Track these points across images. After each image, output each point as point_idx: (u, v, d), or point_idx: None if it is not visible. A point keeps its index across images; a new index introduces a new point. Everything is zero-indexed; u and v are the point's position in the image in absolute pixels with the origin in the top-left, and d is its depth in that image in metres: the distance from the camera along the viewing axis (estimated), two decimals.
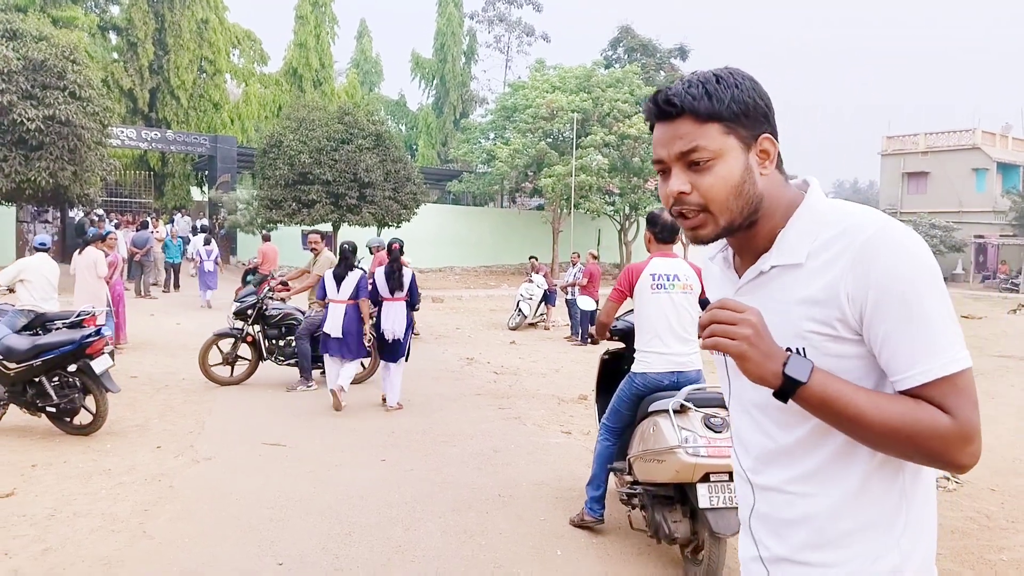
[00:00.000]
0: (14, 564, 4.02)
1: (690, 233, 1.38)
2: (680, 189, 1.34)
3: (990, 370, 11.17)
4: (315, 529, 4.62)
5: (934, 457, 1.23)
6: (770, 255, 1.37)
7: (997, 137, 42.35)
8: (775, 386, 1.26)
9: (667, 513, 4.02)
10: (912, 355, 1.23)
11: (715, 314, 1.28)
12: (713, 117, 1.31)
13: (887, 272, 1.23)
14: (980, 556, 4.45)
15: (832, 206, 1.36)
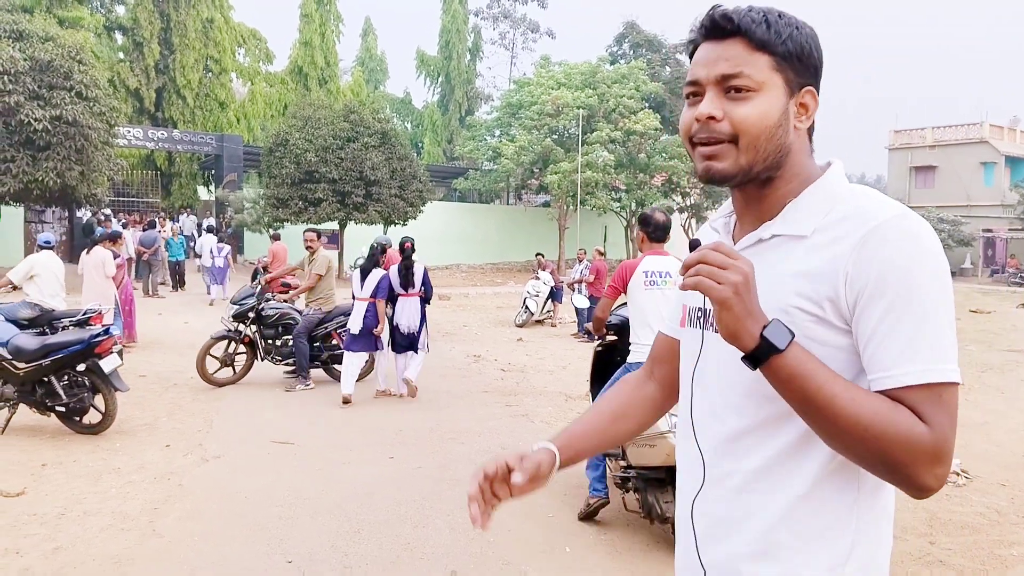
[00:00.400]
0: (25, 563, 4.04)
1: (704, 164, 1.26)
2: (711, 112, 1.24)
3: (999, 364, 11.13)
4: (324, 527, 4.63)
5: (897, 468, 1.11)
6: (773, 223, 1.28)
7: (1005, 130, 42.17)
8: (748, 348, 1.14)
9: (659, 494, 4.29)
10: (900, 352, 1.13)
11: (705, 254, 1.16)
12: (766, 47, 1.23)
13: (893, 258, 1.14)
14: (990, 551, 4.43)
15: (852, 189, 1.28)
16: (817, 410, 1.12)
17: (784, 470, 1.23)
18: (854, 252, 1.17)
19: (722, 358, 1.29)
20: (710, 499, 1.32)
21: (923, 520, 4.90)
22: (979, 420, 7.66)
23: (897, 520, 4.85)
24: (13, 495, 5.02)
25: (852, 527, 1.23)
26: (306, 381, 8.75)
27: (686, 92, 1.30)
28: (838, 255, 1.18)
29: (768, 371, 1.15)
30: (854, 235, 1.18)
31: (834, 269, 1.18)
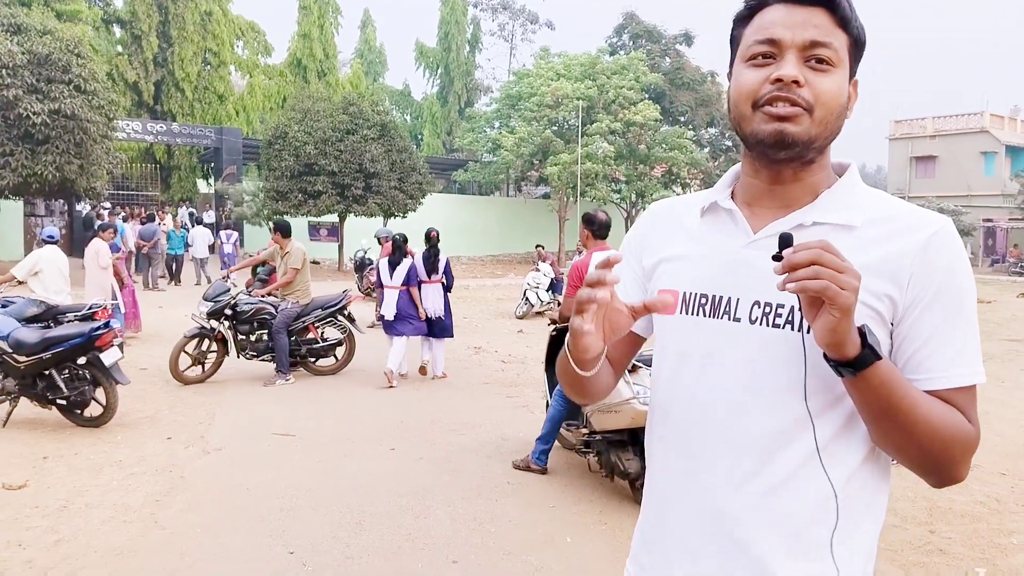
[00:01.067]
0: (28, 555, 4.05)
1: (776, 126, 1.17)
2: (798, 77, 1.16)
3: (1000, 354, 11.14)
4: (326, 518, 4.64)
5: (949, 466, 1.16)
6: (812, 210, 1.22)
7: (1006, 120, 42.10)
8: (850, 355, 1.06)
9: (621, 454, 4.94)
10: (954, 356, 1.16)
11: (820, 255, 1.02)
12: (846, 26, 1.19)
13: (954, 268, 1.17)
14: (991, 540, 4.44)
15: (874, 190, 1.27)
16: (896, 416, 1.11)
17: (817, 468, 1.19)
18: (920, 252, 1.16)
19: (752, 354, 1.21)
20: (732, 497, 1.23)
21: (923, 509, 4.91)
22: (979, 409, 7.63)
23: (897, 509, 4.86)
24: (15, 488, 5.03)
25: (877, 519, 1.25)
26: (286, 376, 8.65)
27: (756, 52, 1.21)
28: (903, 252, 1.17)
29: (859, 379, 1.09)
30: (916, 236, 1.17)
31: (899, 267, 1.16)
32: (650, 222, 1.46)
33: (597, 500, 5.04)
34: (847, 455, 1.20)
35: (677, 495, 1.31)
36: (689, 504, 1.29)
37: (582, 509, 4.88)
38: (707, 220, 1.33)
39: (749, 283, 1.22)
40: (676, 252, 1.35)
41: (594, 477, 5.50)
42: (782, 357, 1.18)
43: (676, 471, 1.31)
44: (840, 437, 1.20)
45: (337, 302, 9.22)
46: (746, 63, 1.22)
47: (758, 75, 1.20)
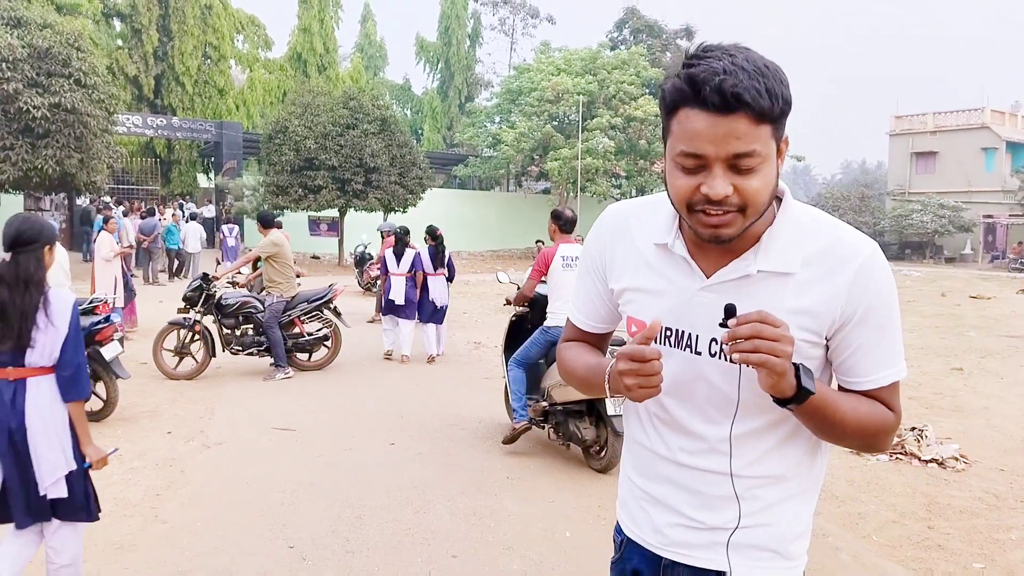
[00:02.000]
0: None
1: (712, 231, 1.30)
2: (727, 192, 1.25)
3: (999, 350, 11.14)
4: (326, 513, 4.65)
5: (876, 447, 1.46)
6: (755, 259, 1.36)
7: (1006, 116, 42.04)
8: (788, 396, 1.28)
9: (578, 423, 5.54)
10: (878, 361, 1.39)
11: (759, 329, 1.21)
12: (767, 118, 1.23)
13: (879, 292, 1.36)
14: (989, 535, 4.45)
15: (807, 213, 1.40)
16: (831, 426, 1.36)
17: (775, 455, 1.44)
18: (848, 288, 1.35)
19: (714, 380, 1.41)
20: (712, 482, 1.45)
21: (922, 505, 4.92)
22: (979, 405, 7.68)
23: (896, 505, 4.88)
24: None
25: (816, 490, 1.52)
26: (284, 370, 8.63)
27: (684, 162, 1.27)
28: (835, 292, 1.35)
29: (799, 408, 1.32)
30: (843, 272, 1.35)
31: (834, 306, 1.35)
32: (607, 242, 1.57)
33: (596, 495, 5.06)
34: (796, 446, 1.46)
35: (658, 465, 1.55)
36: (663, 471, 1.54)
37: (581, 504, 4.90)
38: (663, 256, 1.46)
39: (705, 322, 1.39)
40: (640, 283, 1.49)
41: (592, 471, 5.51)
42: (738, 385, 1.39)
43: (658, 453, 1.53)
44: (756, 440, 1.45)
45: (323, 295, 9.14)
46: (676, 166, 1.30)
47: (689, 183, 1.28)
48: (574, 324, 1.70)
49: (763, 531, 1.45)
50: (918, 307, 16.88)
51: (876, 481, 5.36)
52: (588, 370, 1.57)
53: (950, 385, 8.67)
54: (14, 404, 2.95)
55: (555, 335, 5.71)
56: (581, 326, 1.68)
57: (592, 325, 1.67)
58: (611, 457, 5.37)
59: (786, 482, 1.45)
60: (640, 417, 1.56)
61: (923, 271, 29.72)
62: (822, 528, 4.50)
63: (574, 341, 1.71)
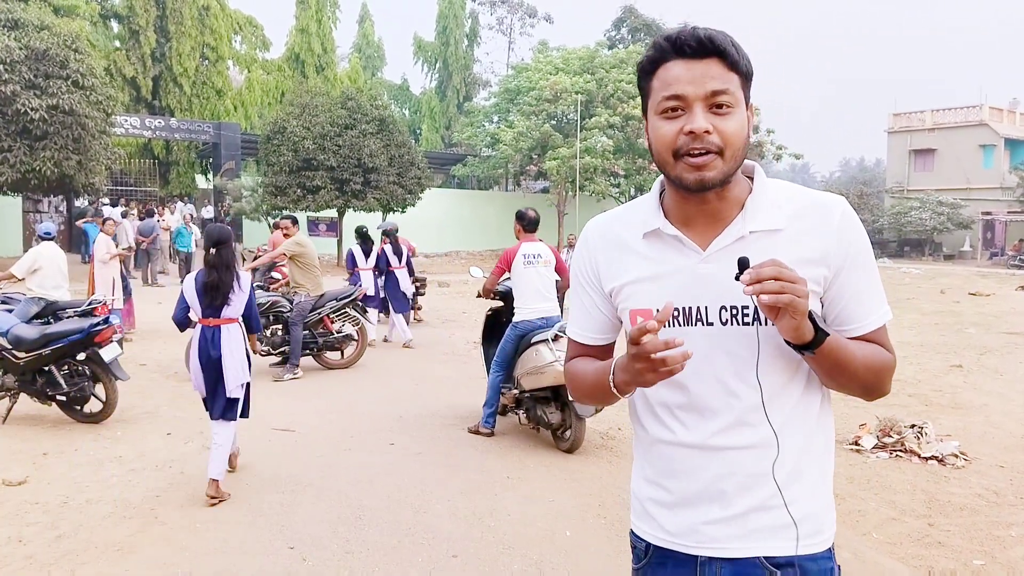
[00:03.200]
0: (28, 550, 4.06)
1: (696, 175, 1.39)
2: (707, 127, 1.36)
3: (998, 347, 11.14)
4: (325, 513, 4.65)
5: (879, 388, 1.49)
6: (744, 220, 1.45)
7: (1004, 113, 42.04)
8: (806, 340, 1.34)
9: (545, 408, 6.02)
10: (871, 305, 1.48)
11: (780, 271, 1.28)
12: (737, 68, 1.39)
13: (860, 240, 1.47)
14: (989, 532, 4.45)
15: (779, 183, 1.52)
16: (843, 367, 1.41)
17: (798, 417, 1.48)
18: (835, 237, 1.45)
19: (730, 347, 1.45)
20: (737, 460, 1.47)
21: (922, 502, 4.92)
22: (978, 402, 7.68)
23: (896, 502, 4.88)
24: (15, 484, 5.04)
25: (831, 434, 1.57)
26: (295, 370, 8.65)
27: (666, 107, 1.40)
28: (825, 241, 1.45)
29: (818, 353, 1.37)
30: (828, 222, 1.46)
31: (826, 253, 1.45)
32: (593, 249, 1.63)
33: (596, 494, 5.06)
34: (812, 402, 1.52)
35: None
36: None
37: (581, 503, 4.89)
38: (653, 243, 1.53)
39: (713, 292, 1.45)
40: (636, 275, 1.54)
41: (593, 471, 5.51)
42: (757, 346, 1.45)
43: (685, 440, 1.52)
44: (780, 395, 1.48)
45: (349, 294, 9.29)
46: (660, 116, 1.42)
47: (672, 127, 1.40)
48: (575, 341, 1.71)
49: (801, 506, 1.47)
50: (917, 304, 16.87)
51: (876, 478, 5.36)
52: (595, 374, 1.57)
53: (950, 382, 8.67)
54: (214, 342, 4.94)
55: (523, 329, 6.16)
56: (581, 340, 1.70)
57: (592, 337, 1.68)
58: (575, 438, 5.84)
59: (811, 446, 1.50)
60: (657, 414, 1.56)
61: (922, 268, 29.72)
62: None
63: (577, 358, 1.71)
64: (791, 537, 1.47)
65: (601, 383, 1.51)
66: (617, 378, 1.45)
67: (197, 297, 5.02)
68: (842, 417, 6.89)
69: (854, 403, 7.51)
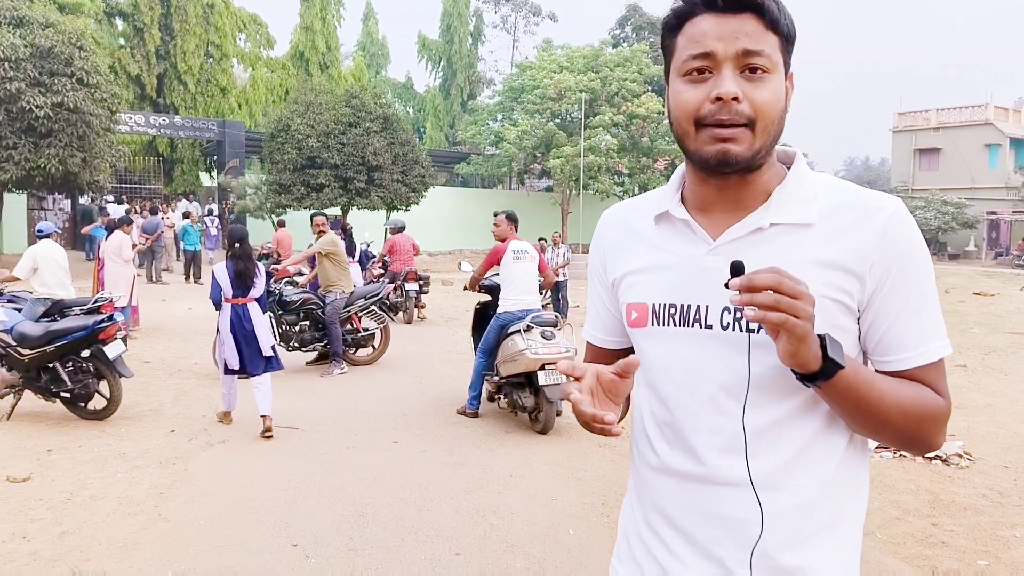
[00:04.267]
0: (33, 547, 4.07)
1: (720, 147, 1.17)
2: (736, 93, 1.15)
3: (1003, 347, 11.12)
4: (329, 511, 4.65)
5: (925, 440, 1.22)
6: (767, 211, 1.22)
7: (1010, 112, 41.92)
8: (813, 369, 1.09)
9: (520, 393, 6.53)
10: (922, 334, 1.20)
11: (780, 282, 1.03)
12: (776, 27, 1.18)
13: (911, 250, 1.20)
14: (993, 533, 4.44)
15: (821, 175, 1.29)
16: (867, 410, 1.16)
17: (811, 458, 1.21)
18: (878, 240, 1.18)
19: (729, 357, 1.21)
20: (727, 499, 1.23)
21: (925, 502, 4.91)
22: (983, 402, 7.66)
23: (899, 502, 4.87)
24: (19, 480, 5.05)
25: (863, 497, 1.29)
26: (341, 366, 8.80)
27: (691, 67, 1.19)
28: (863, 243, 1.18)
29: (827, 387, 1.12)
30: (872, 224, 1.19)
31: (860, 258, 1.18)
32: (604, 237, 1.45)
33: (599, 492, 5.05)
34: (835, 442, 1.24)
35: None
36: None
37: (584, 501, 4.89)
38: (663, 228, 1.32)
39: (715, 291, 1.20)
40: (639, 264, 1.34)
41: (596, 469, 5.51)
42: (758, 359, 1.19)
43: (671, 466, 1.30)
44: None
45: (377, 292, 9.44)
46: (683, 78, 1.21)
47: (697, 93, 1.18)
48: (590, 344, 1.52)
49: (806, 573, 1.21)
50: None
51: (880, 478, 5.35)
52: None
53: (954, 382, 8.65)
54: (245, 316, 6.37)
55: (505, 320, 6.71)
56: (595, 342, 1.50)
57: (603, 339, 1.48)
58: (546, 421, 6.36)
59: (822, 504, 1.22)
60: (646, 431, 1.34)
61: None
62: None
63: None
64: None
65: None
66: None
67: (230, 281, 6.38)
68: None
69: None
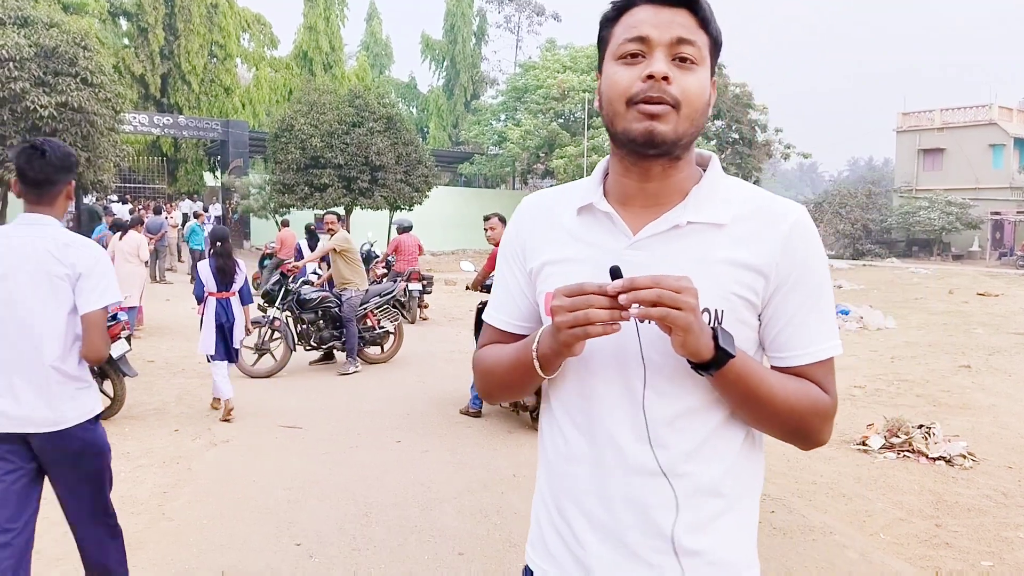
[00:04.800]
0: (36, 545, 4.06)
1: (647, 124, 1.23)
2: (667, 73, 1.22)
3: (1007, 348, 11.10)
4: (332, 510, 4.66)
5: (809, 433, 1.30)
6: (685, 209, 1.29)
7: (1014, 112, 41.79)
8: (706, 358, 1.17)
9: None
10: (814, 334, 1.29)
11: (661, 279, 1.12)
12: (707, 26, 1.27)
13: (812, 255, 1.30)
14: (997, 534, 4.43)
15: (734, 180, 1.36)
16: (756, 402, 1.25)
17: (715, 447, 1.30)
18: (783, 245, 1.28)
19: (645, 348, 1.26)
20: (637, 485, 1.29)
21: (929, 503, 4.90)
22: (986, 403, 7.65)
23: (903, 503, 4.86)
24: None
25: (759, 485, 1.39)
26: (356, 363, 8.86)
27: (626, 51, 1.26)
28: (769, 248, 1.28)
29: (719, 376, 1.21)
30: (776, 230, 1.28)
31: (768, 261, 1.27)
32: (524, 221, 1.47)
33: None
34: (736, 432, 1.33)
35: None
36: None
37: None
38: (585, 220, 1.36)
39: None
40: (560, 254, 1.37)
41: None
42: (673, 352, 1.23)
43: (584, 454, 1.35)
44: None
45: (392, 291, 9.52)
46: (617, 61, 1.28)
47: (630, 73, 1.25)
48: (491, 326, 1.50)
49: (709, 556, 1.29)
50: (925, 304, 16.82)
51: (883, 479, 5.34)
52: (515, 350, 1.36)
53: (958, 382, 8.64)
54: (228, 310, 6.97)
55: None
56: (500, 325, 1.48)
57: (512, 324, 1.46)
58: None
59: (723, 490, 1.30)
60: (559, 421, 1.39)
61: (930, 268, 29.61)
62: (829, 526, 4.49)
63: (493, 344, 1.49)
64: None
65: (522, 359, 1.32)
66: (542, 345, 1.27)
67: (213, 277, 6.93)
68: (849, 416, 6.88)
69: (861, 402, 7.49)
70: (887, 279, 23.98)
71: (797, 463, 5.66)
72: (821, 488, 5.17)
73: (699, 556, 1.28)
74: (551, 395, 1.41)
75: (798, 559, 4.06)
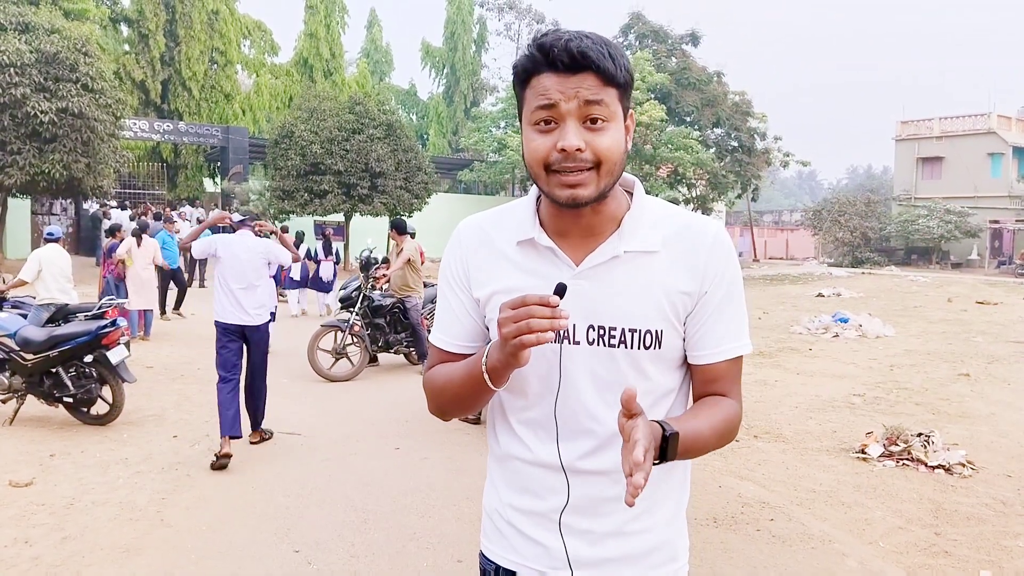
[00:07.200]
0: (35, 552, 4.07)
1: (569, 192, 1.31)
2: (580, 144, 1.29)
3: (1006, 356, 11.10)
4: (331, 517, 4.65)
5: (727, 444, 1.46)
6: (621, 239, 1.39)
7: (1013, 121, 41.89)
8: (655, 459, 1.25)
9: None
10: (725, 334, 1.43)
11: (532, 310, 1.23)
12: (613, 82, 1.31)
13: (728, 267, 1.43)
14: (996, 542, 4.43)
15: (657, 202, 1.48)
16: (700, 450, 1.38)
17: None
18: (704, 259, 1.41)
19: (595, 369, 1.41)
20: (585, 494, 1.44)
21: (929, 511, 4.90)
22: (986, 411, 7.64)
23: (902, 511, 4.86)
24: (22, 485, 5.06)
25: (685, 493, 1.55)
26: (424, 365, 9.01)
27: (539, 118, 1.32)
28: (698, 269, 1.41)
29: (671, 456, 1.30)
30: (701, 250, 1.42)
31: (699, 281, 1.41)
32: (466, 249, 1.52)
33: None
34: None
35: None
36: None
37: None
38: (527, 252, 1.45)
39: (581, 310, 1.38)
40: (507, 284, 1.44)
41: None
42: (620, 370, 1.40)
43: (541, 458, 1.48)
44: None
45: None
46: (532, 127, 1.35)
47: (545, 141, 1.32)
48: (437, 348, 1.56)
49: (656, 534, 1.48)
50: (924, 312, 16.82)
51: (883, 487, 5.34)
52: (466, 367, 1.43)
53: (957, 391, 8.64)
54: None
55: None
56: (446, 347, 1.54)
57: (458, 345, 1.53)
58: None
59: (670, 476, 1.48)
60: (515, 430, 1.51)
61: (929, 276, 29.62)
62: (828, 534, 4.49)
63: (442, 364, 1.56)
64: (646, 564, 1.47)
65: (473, 375, 1.38)
66: (491, 359, 1.33)
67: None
68: (848, 425, 6.88)
69: (860, 410, 7.49)
70: (886, 287, 23.98)
71: (796, 471, 5.65)
72: (820, 496, 5.17)
73: (652, 532, 1.48)
74: (502, 405, 1.53)
75: (797, 567, 4.05)
